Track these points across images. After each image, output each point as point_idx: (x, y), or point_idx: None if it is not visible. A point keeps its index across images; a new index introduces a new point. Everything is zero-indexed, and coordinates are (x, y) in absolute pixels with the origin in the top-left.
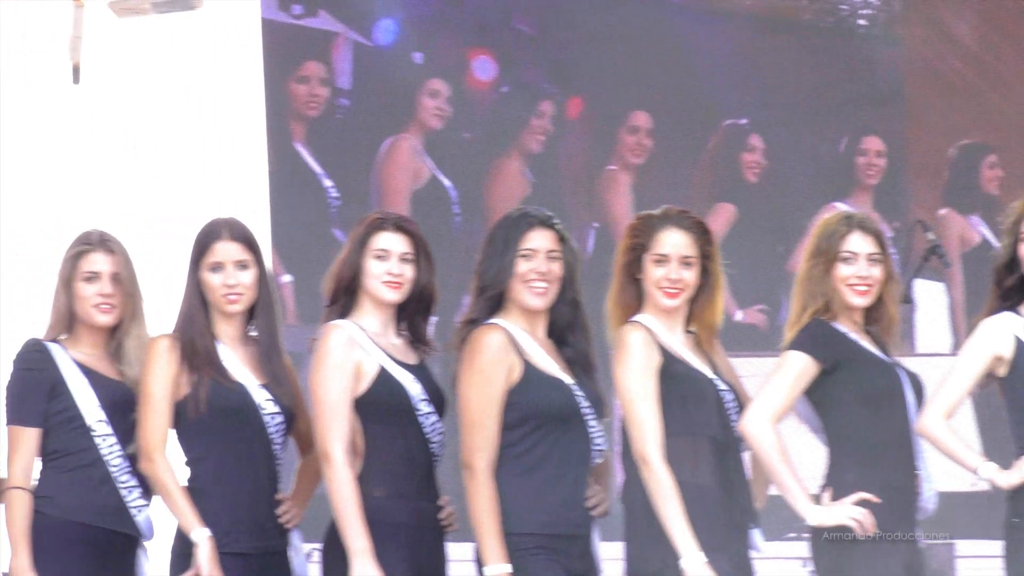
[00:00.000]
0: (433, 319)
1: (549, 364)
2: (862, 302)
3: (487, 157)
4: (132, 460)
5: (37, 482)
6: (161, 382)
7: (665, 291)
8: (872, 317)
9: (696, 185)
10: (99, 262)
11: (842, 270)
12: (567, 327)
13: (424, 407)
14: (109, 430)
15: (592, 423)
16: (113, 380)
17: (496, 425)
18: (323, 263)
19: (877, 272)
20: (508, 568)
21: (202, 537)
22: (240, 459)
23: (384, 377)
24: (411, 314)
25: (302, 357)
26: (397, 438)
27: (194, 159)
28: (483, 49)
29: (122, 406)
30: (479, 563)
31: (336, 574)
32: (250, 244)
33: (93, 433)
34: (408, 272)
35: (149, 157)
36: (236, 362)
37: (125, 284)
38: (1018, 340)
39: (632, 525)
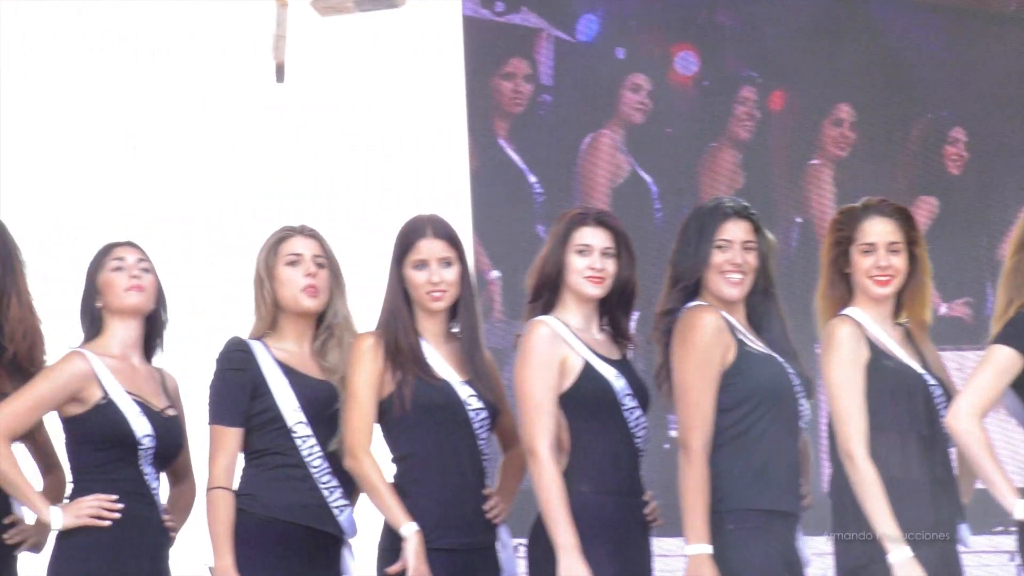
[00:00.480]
0: (634, 314)
1: (760, 345)
2: None
3: (688, 152)
4: (332, 460)
5: (240, 481)
6: (366, 380)
7: (875, 279)
8: None
9: (898, 178)
10: (301, 245)
11: None
12: (762, 317)
13: (629, 402)
14: (309, 431)
15: (802, 401)
16: (314, 379)
17: (712, 405)
18: (528, 259)
19: None
20: (710, 549)
21: (410, 532)
22: (446, 455)
23: (589, 372)
24: (612, 309)
25: (508, 353)
26: (602, 434)
27: (395, 156)
28: (685, 43)
29: (322, 406)
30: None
31: (543, 569)
32: (453, 241)
33: (294, 435)
34: (610, 267)
35: (346, 156)
36: (439, 359)
37: (328, 268)
38: None
39: (840, 520)
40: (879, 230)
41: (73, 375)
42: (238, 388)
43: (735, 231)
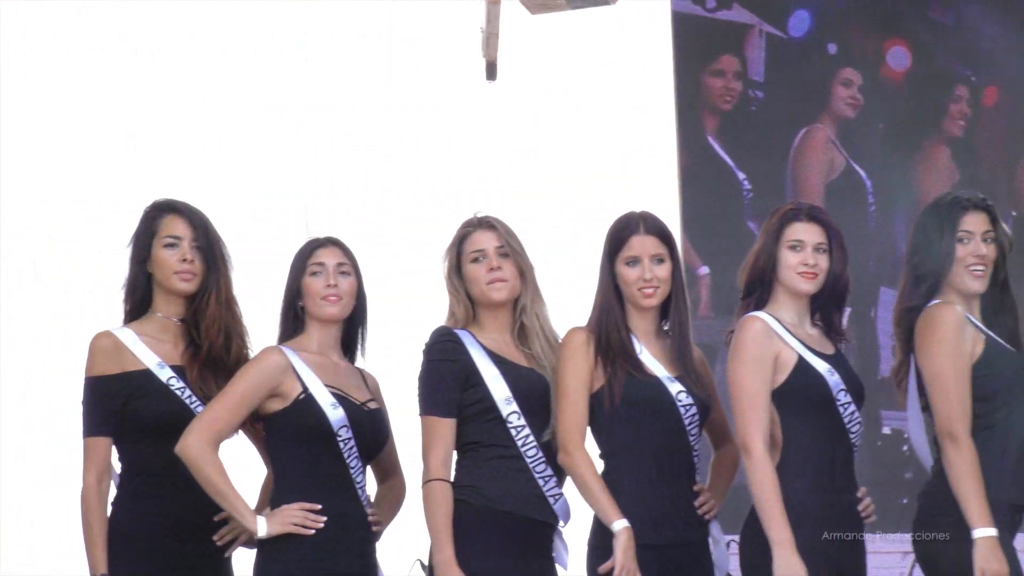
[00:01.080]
0: (847, 310)
1: (1003, 341)
2: None
3: (900, 147)
4: (545, 448)
5: (455, 472)
6: (577, 376)
7: None
8: None
9: None
10: (482, 240)
11: None
12: (997, 309)
13: (843, 397)
14: (522, 422)
15: None
16: (522, 367)
17: (969, 394)
18: (737, 255)
19: None
20: (995, 531)
21: (620, 528)
22: (656, 451)
23: (803, 367)
24: (825, 304)
25: (715, 349)
26: (816, 429)
27: (602, 152)
28: (898, 39)
29: (533, 394)
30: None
31: (755, 565)
32: (665, 238)
33: (508, 424)
34: (822, 262)
35: (553, 153)
36: (649, 355)
37: (512, 257)
38: None
39: None
40: None
41: (270, 369)
42: (450, 378)
43: (975, 223)
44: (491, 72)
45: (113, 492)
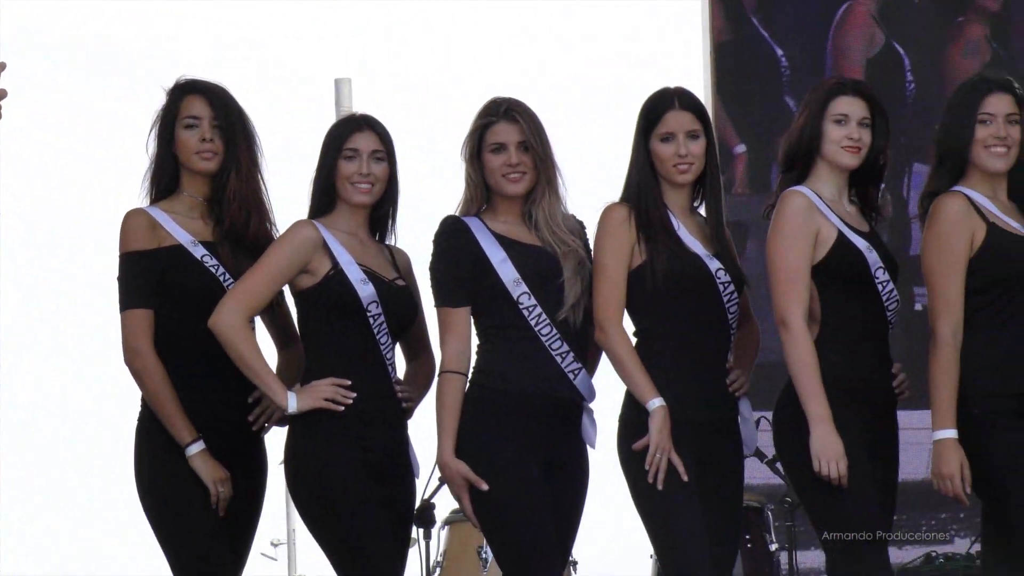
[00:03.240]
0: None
1: (1013, 226)
2: None
3: (940, 22)
4: (561, 326)
5: (475, 358)
6: (617, 252)
7: None
8: None
9: None
10: (504, 132)
11: None
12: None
13: (881, 275)
14: (533, 301)
15: None
16: (532, 247)
17: (958, 291)
18: (774, 132)
19: None
20: (955, 433)
21: (656, 406)
22: (696, 329)
23: (842, 243)
24: (862, 180)
25: (747, 226)
26: (855, 304)
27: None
28: None
29: (543, 273)
30: None
31: (790, 441)
32: (700, 114)
33: (520, 306)
34: (865, 137)
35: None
36: (686, 232)
37: (533, 151)
38: None
39: None
40: None
41: (304, 243)
42: (459, 267)
43: (998, 105)
44: None
45: None
